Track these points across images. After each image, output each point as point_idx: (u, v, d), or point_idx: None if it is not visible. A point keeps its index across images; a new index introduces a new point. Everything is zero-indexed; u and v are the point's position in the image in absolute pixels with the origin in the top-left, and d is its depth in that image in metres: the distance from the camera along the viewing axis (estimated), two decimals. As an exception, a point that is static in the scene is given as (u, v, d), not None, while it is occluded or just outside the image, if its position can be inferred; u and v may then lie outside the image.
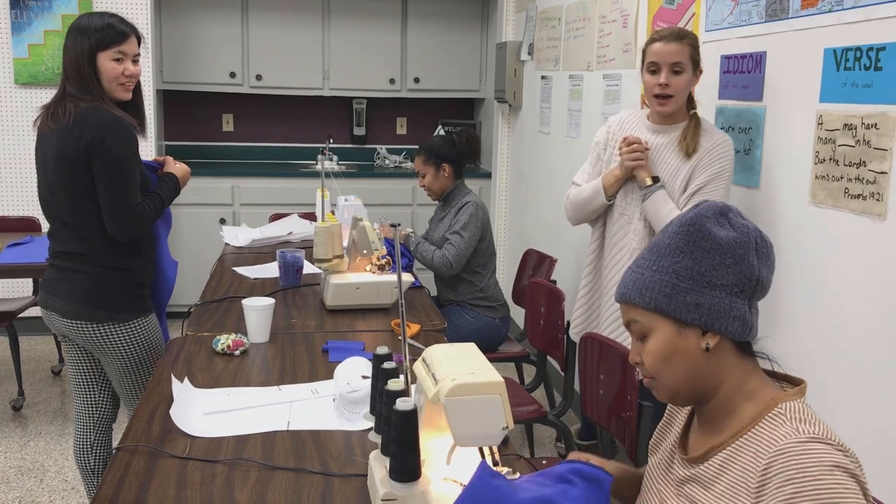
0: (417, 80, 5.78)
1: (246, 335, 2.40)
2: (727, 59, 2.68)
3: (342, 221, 3.04)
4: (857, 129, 2.06)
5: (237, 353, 2.32)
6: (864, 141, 2.04)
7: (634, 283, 1.28)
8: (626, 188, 2.69)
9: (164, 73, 5.43)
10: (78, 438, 2.66)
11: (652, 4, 3.24)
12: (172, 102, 5.77)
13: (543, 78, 4.60)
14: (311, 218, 4.22)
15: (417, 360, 1.40)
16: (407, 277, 2.92)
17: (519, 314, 3.75)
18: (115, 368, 2.52)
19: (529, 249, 4.03)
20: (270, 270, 3.29)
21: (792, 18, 2.33)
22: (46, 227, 2.61)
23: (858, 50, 2.06)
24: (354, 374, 1.93)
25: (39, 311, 2.55)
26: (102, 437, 2.68)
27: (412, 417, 1.30)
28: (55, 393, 4.19)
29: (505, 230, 5.40)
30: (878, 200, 1.99)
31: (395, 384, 1.39)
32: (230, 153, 5.96)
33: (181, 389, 1.97)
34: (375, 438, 1.50)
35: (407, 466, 1.32)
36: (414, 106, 6.12)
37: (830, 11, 2.17)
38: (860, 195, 2.05)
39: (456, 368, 1.29)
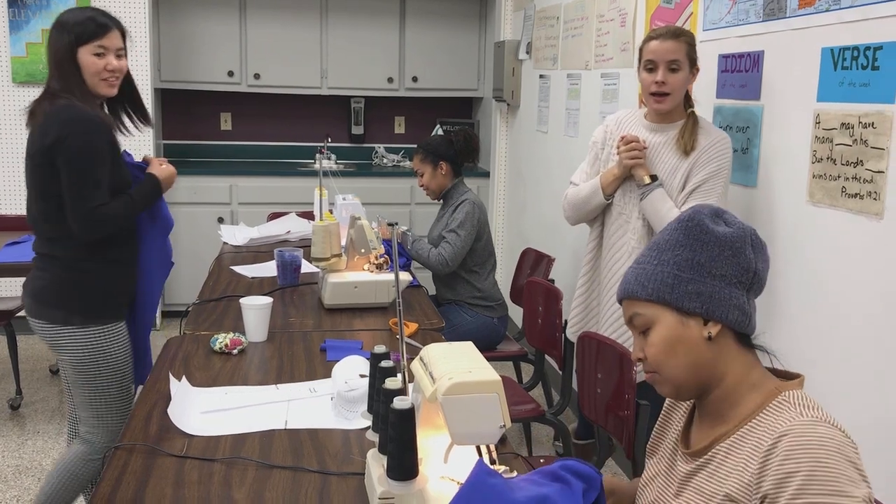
0: (416, 79, 5.78)
1: (244, 334, 2.40)
2: (725, 58, 2.68)
3: (340, 220, 3.04)
4: (854, 128, 2.06)
5: (235, 351, 2.32)
6: (861, 140, 2.04)
7: (636, 278, 1.31)
8: (624, 187, 2.69)
9: (161, 71, 5.43)
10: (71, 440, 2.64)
11: (650, 3, 3.24)
12: (170, 101, 5.77)
13: (541, 77, 4.60)
14: (309, 217, 4.22)
15: (415, 358, 1.40)
16: (405, 276, 2.92)
17: (517, 313, 3.75)
18: (67, 373, 2.44)
19: (527, 248, 4.03)
20: (268, 269, 3.29)
21: (789, 18, 2.34)
22: None
23: (856, 49, 2.06)
24: (352, 372, 1.94)
25: None
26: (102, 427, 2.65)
27: (409, 416, 1.30)
28: (53, 392, 4.19)
29: (503, 229, 5.40)
30: (875, 199, 2.00)
31: (392, 383, 1.39)
32: (228, 152, 5.96)
33: (179, 388, 1.97)
34: (373, 437, 1.50)
35: (404, 465, 1.32)
36: (412, 105, 6.11)
37: (828, 11, 2.17)
38: (857, 194, 2.06)
39: (453, 367, 1.29)
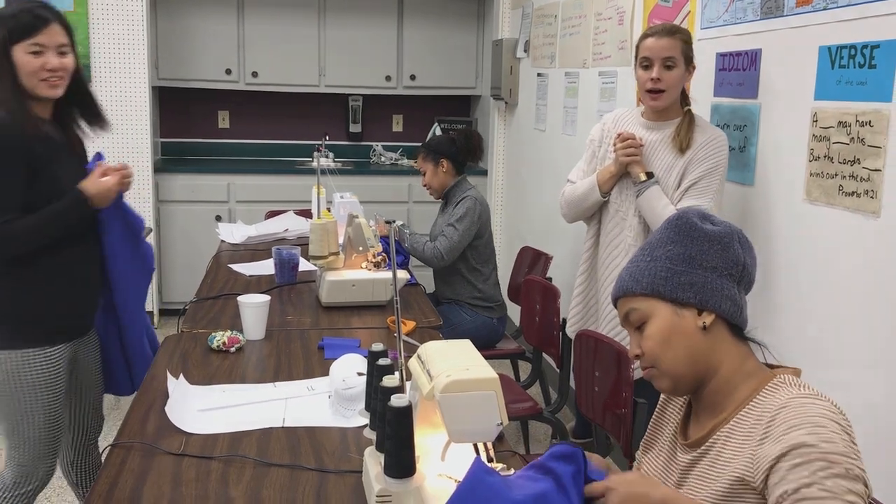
0: (413, 77, 5.78)
1: (241, 332, 2.40)
2: (722, 56, 2.68)
3: (338, 218, 3.04)
4: (851, 126, 2.06)
5: (233, 350, 2.32)
6: (858, 138, 2.04)
7: (630, 275, 1.35)
8: (620, 184, 2.70)
9: (159, 69, 5.42)
10: (62, 454, 2.53)
11: (647, 2, 3.25)
12: (168, 99, 5.76)
13: (539, 75, 4.60)
14: (306, 215, 4.22)
15: (412, 356, 1.40)
16: (402, 274, 2.92)
17: (514, 311, 3.75)
18: None
19: (525, 247, 4.03)
20: (266, 267, 3.29)
21: (787, 16, 2.34)
22: None
23: (853, 48, 2.06)
24: (350, 371, 1.94)
25: None
26: (83, 456, 2.55)
27: (407, 414, 1.31)
28: (50, 390, 4.18)
29: (501, 227, 5.40)
30: (871, 198, 2.00)
31: (389, 380, 1.39)
32: (226, 150, 5.95)
33: (176, 386, 1.97)
34: (370, 435, 1.50)
35: (402, 463, 1.32)
36: (410, 103, 6.11)
37: (825, 9, 2.17)
38: (854, 192, 2.06)
39: (451, 365, 1.29)
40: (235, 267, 3.33)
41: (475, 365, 1.30)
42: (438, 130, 5.80)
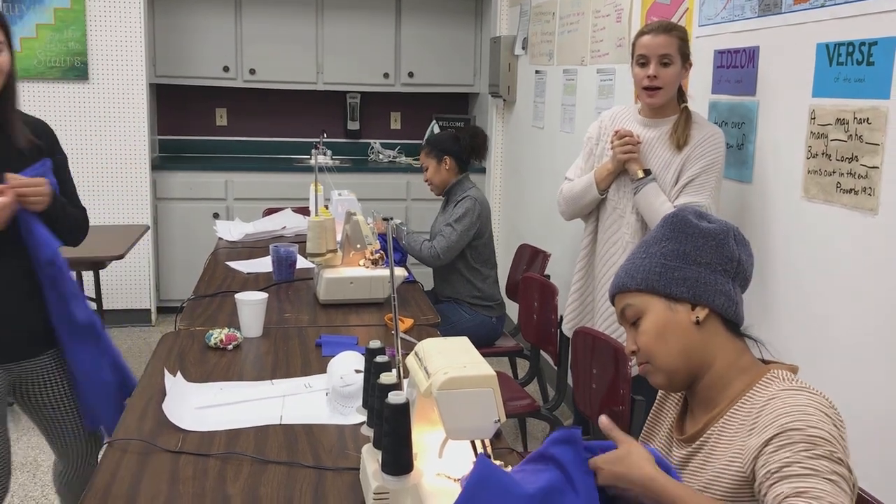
0: (411, 74, 5.77)
1: (239, 329, 2.40)
2: (720, 53, 2.68)
3: (336, 216, 3.04)
4: (849, 123, 2.06)
5: (230, 347, 2.32)
6: (856, 136, 2.04)
7: (626, 271, 1.37)
8: (618, 182, 2.69)
9: (157, 67, 5.41)
10: (54, 462, 2.40)
11: (646, -1, 3.24)
12: (166, 97, 5.76)
13: (537, 72, 4.60)
14: (304, 212, 4.22)
15: (410, 353, 1.40)
16: (400, 272, 2.92)
17: (512, 309, 3.75)
18: None
19: (523, 244, 4.03)
20: (264, 265, 3.29)
21: (785, 13, 2.34)
22: None
23: (851, 45, 2.06)
24: (347, 368, 1.93)
25: None
26: (75, 469, 2.33)
27: (404, 411, 1.30)
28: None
29: (499, 225, 5.40)
30: (869, 195, 2.00)
31: (387, 378, 1.39)
32: (224, 148, 5.95)
33: (174, 384, 1.96)
34: (368, 432, 1.50)
35: (399, 460, 1.32)
36: (408, 100, 6.11)
37: (823, 6, 2.17)
38: (852, 190, 2.06)
39: (448, 362, 1.29)
40: (233, 264, 3.33)
41: (473, 362, 1.30)
42: (436, 128, 5.80)
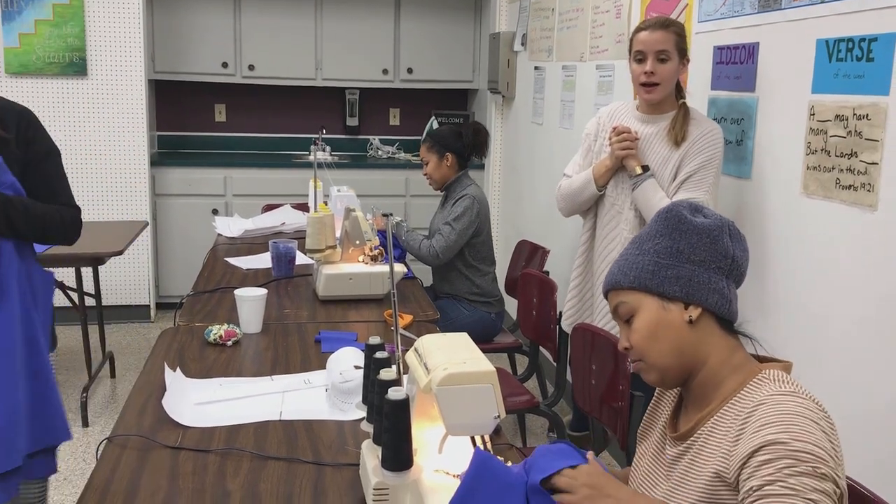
0: (411, 70, 5.77)
1: (238, 325, 2.40)
2: (720, 49, 2.68)
3: (335, 212, 3.04)
4: (848, 119, 2.06)
5: (229, 343, 2.32)
6: (855, 132, 2.04)
7: (619, 269, 1.36)
8: (616, 178, 2.70)
9: (155, 62, 5.40)
10: None
11: (645, -5, 3.24)
12: (164, 93, 5.75)
13: (537, 69, 4.59)
14: (303, 209, 4.21)
15: (409, 349, 1.40)
16: (400, 268, 2.92)
17: (511, 305, 3.75)
18: None
19: (522, 240, 4.03)
20: (263, 261, 3.29)
21: (785, 9, 2.33)
22: None
23: (851, 41, 2.06)
24: (347, 364, 1.94)
25: None
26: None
27: (404, 407, 1.31)
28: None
29: (498, 221, 5.40)
30: (868, 191, 2.00)
31: (387, 373, 1.39)
32: (223, 144, 5.94)
33: (174, 379, 1.96)
34: (368, 428, 1.50)
35: (399, 456, 1.32)
36: (407, 97, 6.10)
37: (823, 2, 2.17)
38: (851, 186, 2.06)
39: (448, 358, 1.29)
40: (232, 260, 3.33)
41: (472, 358, 1.30)
42: (435, 124, 5.80)
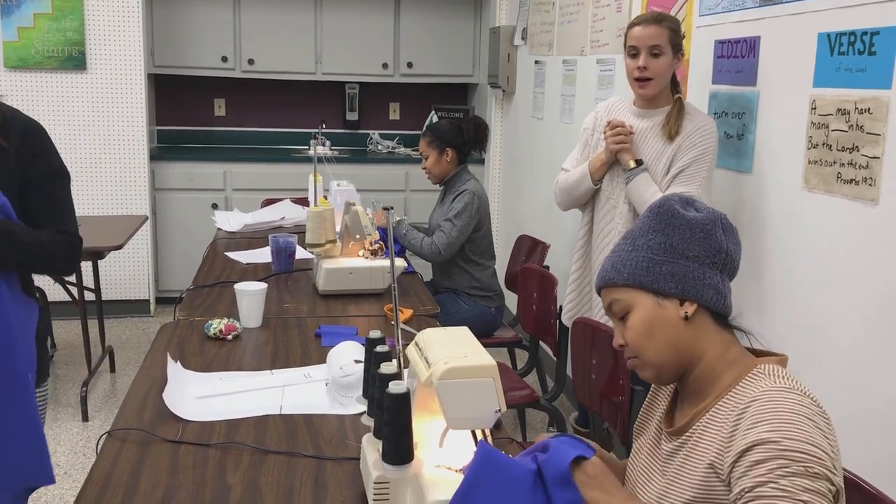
0: (410, 64, 5.76)
1: (238, 320, 2.40)
2: (721, 43, 2.67)
3: (335, 207, 3.03)
4: (850, 113, 2.06)
5: (229, 337, 2.31)
6: (857, 126, 2.03)
7: (612, 265, 1.35)
8: (611, 172, 2.71)
9: (155, 57, 5.39)
10: None
11: (646, -11, 3.23)
12: (164, 87, 5.74)
13: (537, 63, 4.58)
14: (303, 203, 4.21)
15: (410, 344, 1.40)
16: (400, 263, 2.91)
17: (511, 299, 3.75)
18: None
19: (522, 235, 4.03)
20: (263, 255, 3.28)
21: (786, 3, 2.33)
22: None
23: (852, 34, 2.05)
24: (347, 358, 1.93)
25: None
26: None
27: (405, 400, 1.30)
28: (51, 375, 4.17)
29: (498, 216, 5.40)
30: (870, 185, 1.99)
31: (387, 367, 1.39)
32: (222, 138, 5.94)
33: (174, 373, 1.96)
34: (368, 422, 1.49)
35: (400, 449, 1.32)
36: (407, 91, 6.09)
37: (825, -4, 2.16)
38: (853, 180, 2.05)
39: (448, 352, 1.28)
40: (232, 255, 3.32)
41: (473, 352, 1.30)
42: (435, 118, 5.79)
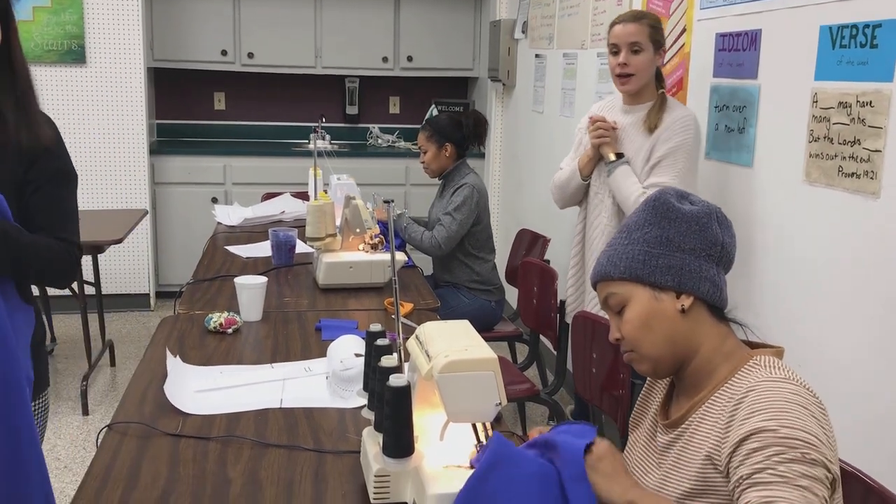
0: (410, 58, 5.75)
1: (238, 313, 2.39)
2: (722, 37, 2.67)
3: (335, 200, 3.03)
4: (851, 107, 2.05)
5: (229, 331, 2.31)
6: (858, 119, 2.03)
7: (608, 259, 1.34)
8: (598, 168, 2.77)
9: (154, 51, 5.38)
10: None
11: (647, -18, 3.22)
12: (163, 81, 5.72)
13: (537, 56, 4.57)
14: (303, 197, 4.20)
15: (410, 337, 1.39)
16: (400, 257, 2.91)
17: (512, 294, 3.75)
18: None
19: (523, 229, 4.03)
20: (263, 249, 3.28)
21: (787, -4, 2.32)
22: None
23: (854, 27, 2.04)
24: (347, 352, 1.93)
25: None
26: None
27: (405, 394, 1.30)
28: (51, 370, 4.17)
29: (498, 210, 5.39)
30: (871, 179, 1.99)
31: (388, 360, 1.39)
32: (222, 132, 5.93)
33: (174, 367, 1.96)
34: (369, 415, 1.49)
35: (400, 443, 1.32)
36: (407, 85, 6.08)
37: (826, -12, 2.15)
38: (854, 173, 2.05)
39: (449, 345, 1.28)
40: (232, 249, 3.32)
41: (474, 345, 1.30)
42: (435, 112, 5.77)
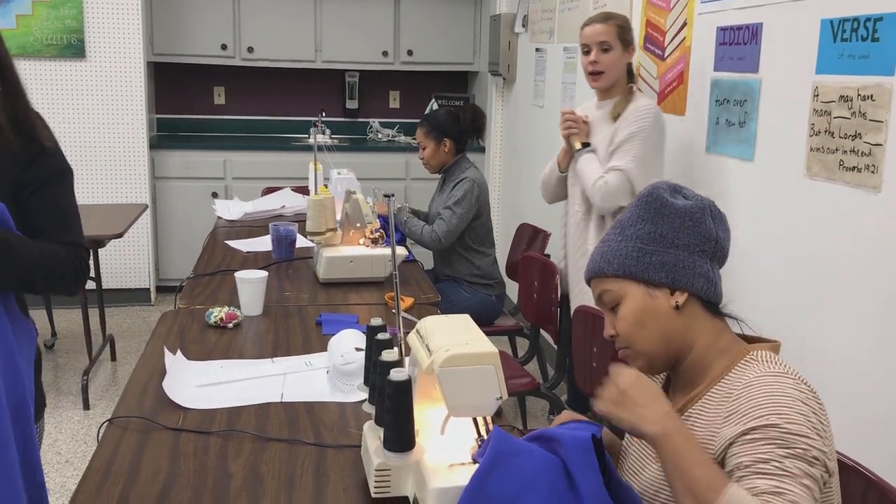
0: (411, 52, 5.74)
1: (239, 308, 2.39)
2: (723, 30, 2.66)
3: (335, 195, 3.02)
4: (853, 100, 2.05)
5: (230, 325, 2.31)
6: (859, 113, 2.03)
7: (602, 256, 1.33)
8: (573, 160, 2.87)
9: (154, 45, 5.37)
10: None
11: (647, -25, 3.21)
12: (163, 75, 5.72)
13: (538, 50, 4.56)
14: (303, 192, 4.20)
15: (411, 331, 1.39)
16: (400, 251, 2.91)
17: (512, 288, 3.75)
18: None
19: (523, 223, 4.02)
20: (263, 244, 3.28)
21: (789, -11, 2.31)
22: None
23: (856, 20, 2.04)
24: (348, 346, 1.93)
25: None
26: None
27: (406, 388, 1.30)
28: (48, 367, 4.18)
29: (499, 204, 5.39)
30: (872, 173, 1.99)
31: (389, 354, 1.39)
32: (222, 126, 5.92)
33: (174, 362, 1.96)
34: (369, 409, 1.49)
35: (401, 437, 1.32)
36: (407, 79, 6.07)
37: (828, -18, 2.14)
38: (855, 167, 2.05)
39: (450, 339, 1.28)
40: (232, 243, 3.32)
41: (474, 339, 1.30)
42: (435, 106, 5.77)
